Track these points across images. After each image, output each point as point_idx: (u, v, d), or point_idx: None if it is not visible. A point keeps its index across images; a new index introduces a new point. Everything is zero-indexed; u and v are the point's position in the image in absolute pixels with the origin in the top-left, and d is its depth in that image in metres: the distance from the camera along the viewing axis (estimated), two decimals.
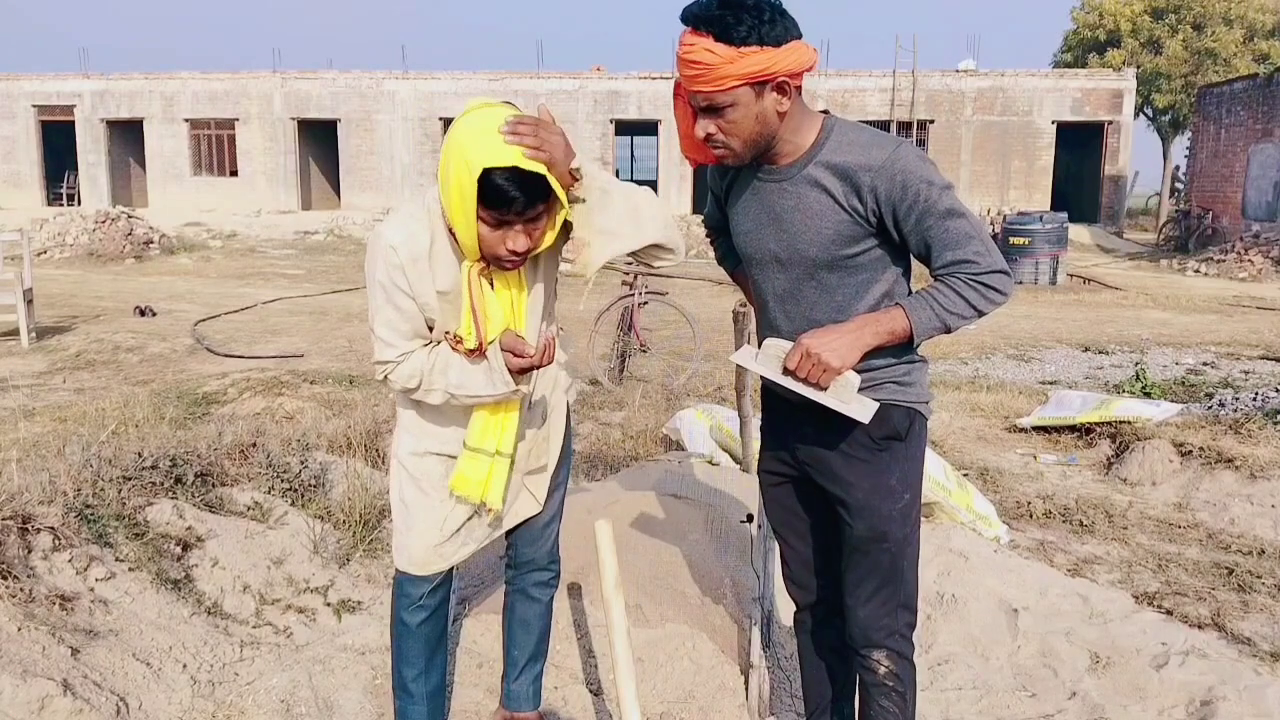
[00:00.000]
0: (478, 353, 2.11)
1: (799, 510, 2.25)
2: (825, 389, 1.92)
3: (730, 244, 2.36)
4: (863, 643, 2.16)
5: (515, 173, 1.90)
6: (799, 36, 1.85)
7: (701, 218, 2.48)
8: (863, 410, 1.92)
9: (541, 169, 1.90)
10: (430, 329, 2.15)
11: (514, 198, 1.92)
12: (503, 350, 2.10)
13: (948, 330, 1.94)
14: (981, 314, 1.93)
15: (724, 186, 2.14)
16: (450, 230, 2.06)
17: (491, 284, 2.10)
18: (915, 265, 2.08)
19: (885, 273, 2.00)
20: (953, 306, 1.91)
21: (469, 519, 2.31)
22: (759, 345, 2.09)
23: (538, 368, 2.12)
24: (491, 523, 2.36)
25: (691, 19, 1.83)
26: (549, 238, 2.06)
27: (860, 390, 1.93)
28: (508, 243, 1.99)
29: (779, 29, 1.81)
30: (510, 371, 2.09)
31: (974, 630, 3.35)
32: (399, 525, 2.33)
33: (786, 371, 1.94)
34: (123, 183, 30.67)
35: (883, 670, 2.15)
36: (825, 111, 2.00)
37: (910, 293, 2.03)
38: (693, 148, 2.01)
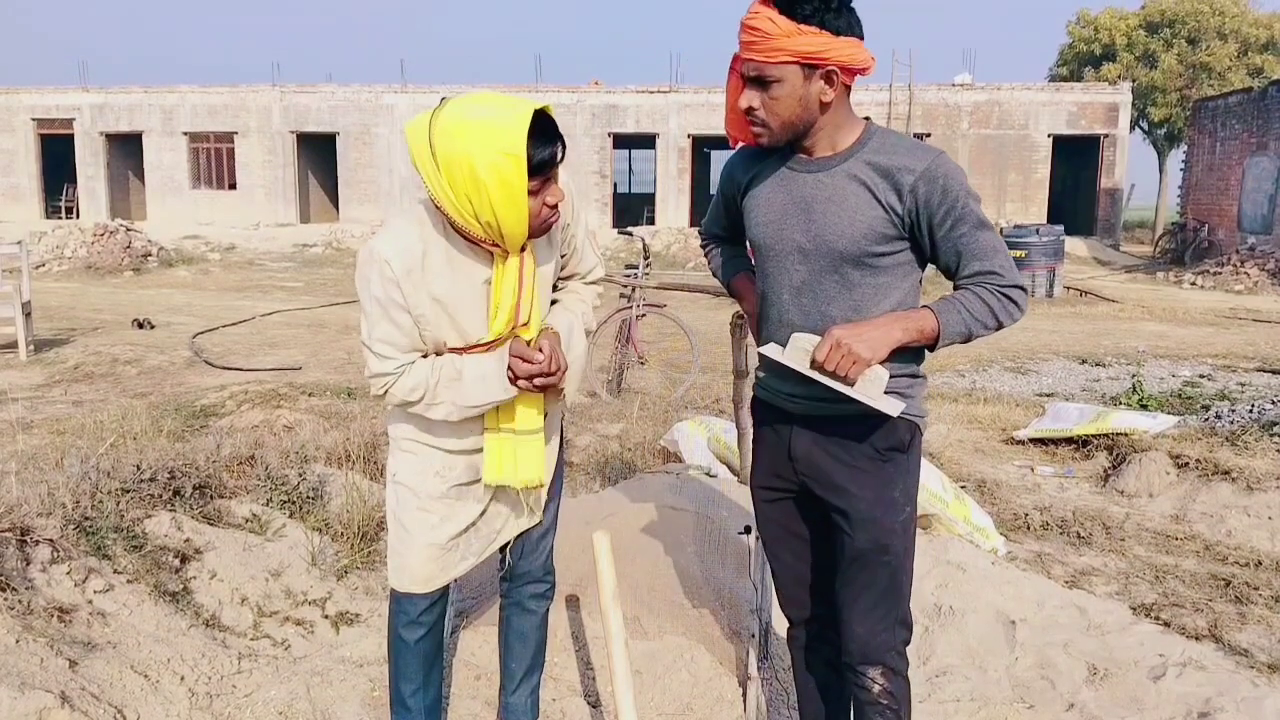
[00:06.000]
0: (499, 342, 2.12)
1: (795, 526, 2.23)
2: (853, 383, 1.90)
3: (728, 253, 2.36)
4: (859, 659, 2.13)
5: (537, 123, 1.93)
6: (861, 37, 1.88)
7: (699, 228, 2.48)
8: (891, 405, 1.90)
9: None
10: (423, 340, 2.15)
11: (554, 151, 1.97)
12: (511, 356, 2.11)
13: (969, 338, 1.96)
14: (1001, 325, 1.96)
15: (747, 179, 2.12)
16: (466, 237, 2.05)
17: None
18: (925, 281, 2.10)
19: (905, 280, 2.01)
20: (979, 314, 1.94)
21: (464, 531, 2.31)
22: (761, 346, 2.06)
23: (547, 375, 2.13)
24: (488, 535, 2.36)
25: None
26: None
27: None
28: (546, 199, 2.03)
29: (842, 20, 1.86)
30: (520, 377, 2.11)
31: (972, 642, 3.35)
32: (396, 547, 2.32)
33: (814, 365, 1.92)
34: (121, 196, 30.68)
35: (877, 688, 2.13)
36: (867, 119, 2.02)
37: (919, 306, 2.04)
38: (736, 123, 2.03)
